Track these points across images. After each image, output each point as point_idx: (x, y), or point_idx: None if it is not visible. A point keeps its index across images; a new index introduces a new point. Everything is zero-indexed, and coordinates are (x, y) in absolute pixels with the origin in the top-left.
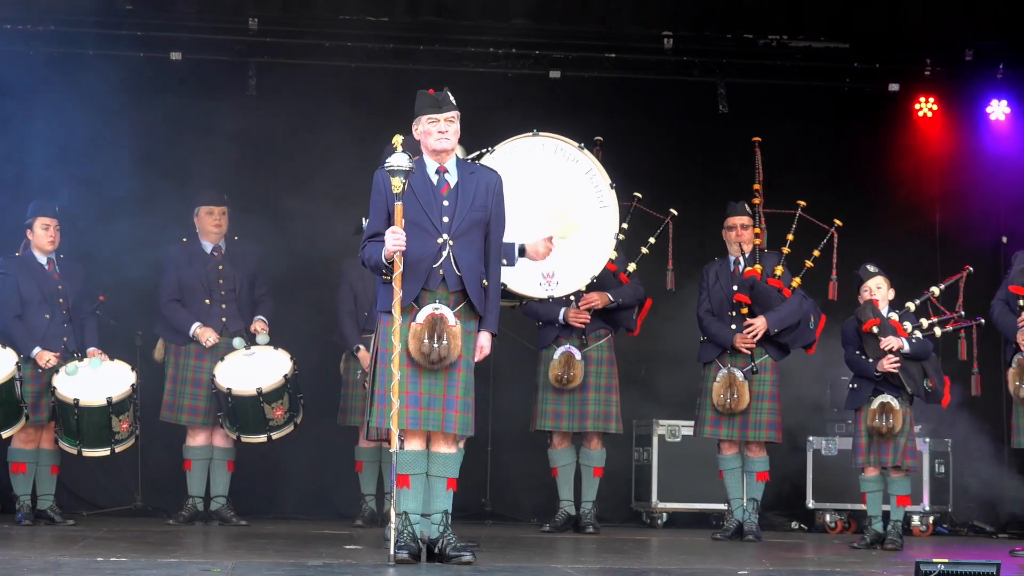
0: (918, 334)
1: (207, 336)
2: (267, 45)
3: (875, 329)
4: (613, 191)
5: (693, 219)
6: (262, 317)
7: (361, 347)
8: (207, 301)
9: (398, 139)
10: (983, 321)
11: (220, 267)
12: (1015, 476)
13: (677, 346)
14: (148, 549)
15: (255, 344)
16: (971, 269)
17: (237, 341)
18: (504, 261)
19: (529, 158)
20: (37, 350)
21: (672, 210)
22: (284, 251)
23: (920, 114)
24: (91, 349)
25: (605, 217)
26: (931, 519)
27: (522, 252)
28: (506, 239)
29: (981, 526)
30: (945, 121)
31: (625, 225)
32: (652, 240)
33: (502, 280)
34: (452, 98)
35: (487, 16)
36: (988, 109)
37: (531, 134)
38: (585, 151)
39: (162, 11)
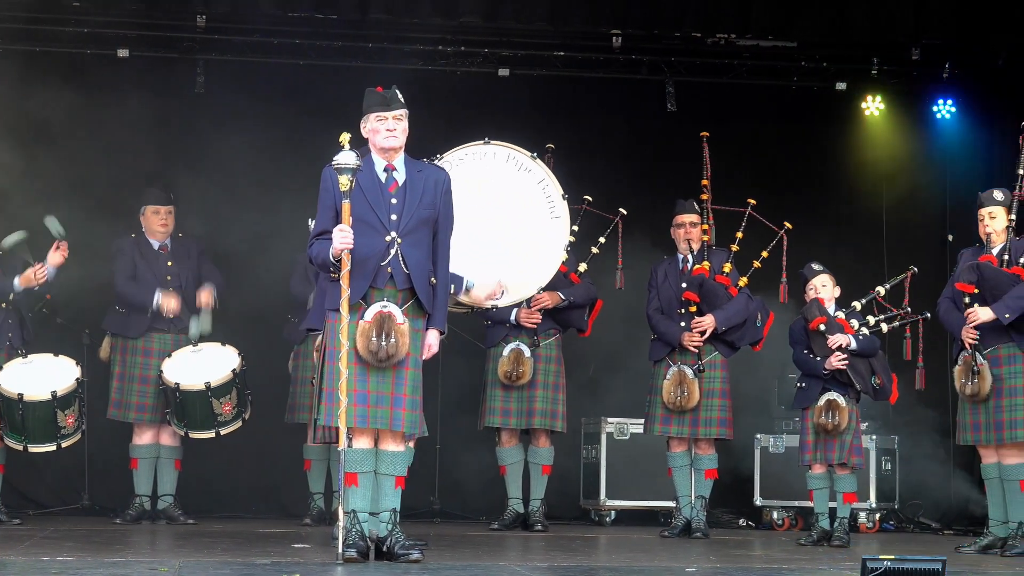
0: (865, 331)
1: (170, 302)
2: (215, 42)
3: (822, 327)
4: (565, 201)
5: (642, 217)
6: (210, 285)
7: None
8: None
9: (345, 137)
10: (929, 316)
11: (168, 263)
12: (960, 473)
13: (627, 344)
14: (95, 548)
15: (203, 342)
16: (915, 270)
17: (193, 326)
18: (452, 289)
19: (480, 167)
20: None
21: (621, 210)
22: (231, 248)
23: (867, 113)
24: None
25: (556, 228)
26: (877, 516)
27: (468, 291)
28: (453, 260)
29: (927, 522)
30: (892, 120)
31: (575, 227)
32: (602, 240)
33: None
34: (400, 96)
35: (436, 14)
36: (934, 108)
37: (482, 142)
38: (537, 160)
39: (109, 8)
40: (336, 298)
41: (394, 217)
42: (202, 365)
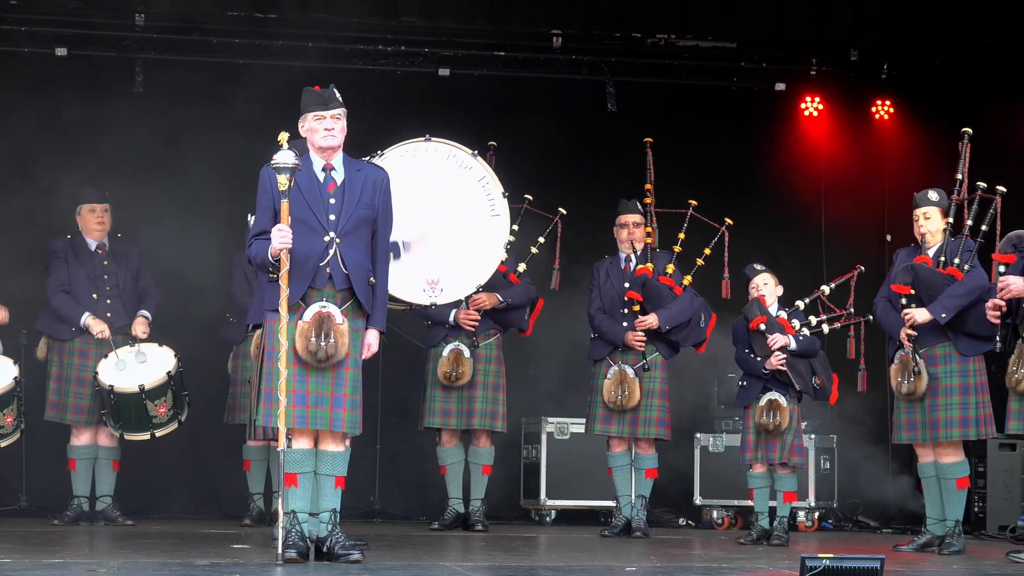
0: (806, 331)
1: (99, 327)
2: (154, 41)
3: (762, 327)
4: (505, 199)
5: (584, 217)
6: (145, 313)
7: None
8: (94, 296)
9: (283, 136)
10: (871, 318)
11: (105, 262)
12: (898, 472)
13: (567, 343)
14: (32, 550)
15: (139, 343)
16: (862, 268)
17: (123, 351)
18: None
19: (421, 164)
20: None
21: (561, 209)
22: (170, 248)
23: (806, 113)
24: None
25: (496, 226)
26: (816, 515)
27: (407, 248)
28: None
29: (866, 521)
30: (831, 120)
31: (516, 227)
32: (542, 240)
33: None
34: (338, 95)
35: (376, 14)
36: (873, 108)
37: (423, 139)
38: (478, 158)
39: (47, 6)
40: (275, 298)
41: (333, 217)
42: (137, 367)
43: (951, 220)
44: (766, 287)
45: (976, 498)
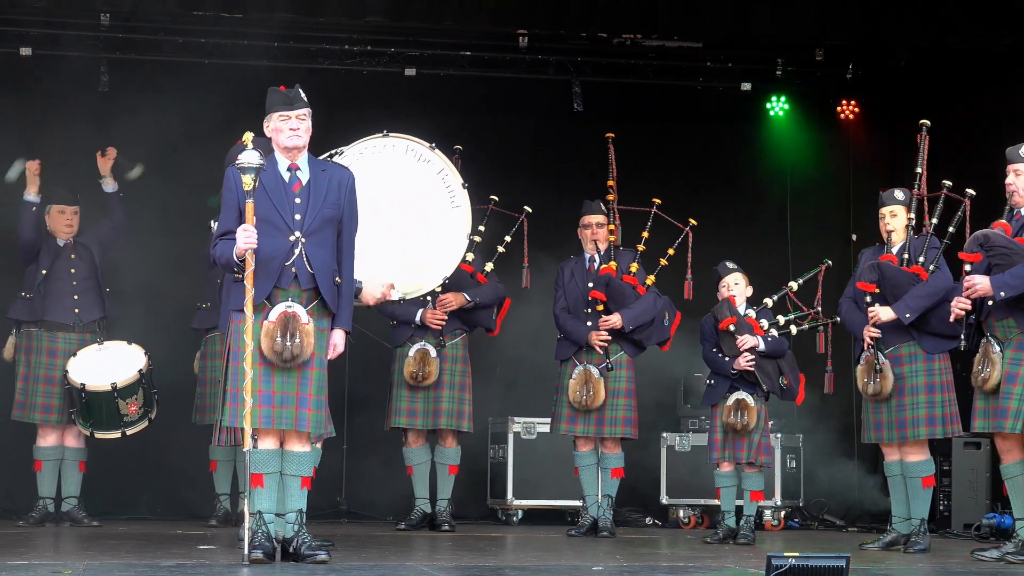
0: (774, 332)
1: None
2: (119, 41)
3: (731, 327)
4: (465, 191)
5: (550, 217)
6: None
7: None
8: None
9: (248, 136)
10: (839, 319)
11: (72, 255)
12: (864, 471)
13: (534, 343)
14: None
15: (108, 341)
16: (829, 263)
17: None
18: None
19: (380, 159)
20: None
21: (526, 207)
22: (139, 247)
23: (772, 113)
24: None
25: (457, 217)
26: (783, 514)
27: (357, 293)
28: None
29: (832, 520)
30: (796, 120)
31: (482, 228)
32: (508, 239)
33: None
34: (303, 95)
35: (342, 14)
36: (838, 108)
37: (381, 135)
38: (436, 151)
39: (12, 5)
40: (240, 298)
41: (298, 217)
42: (108, 365)
43: (913, 216)
44: (737, 287)
45: (941, 496)
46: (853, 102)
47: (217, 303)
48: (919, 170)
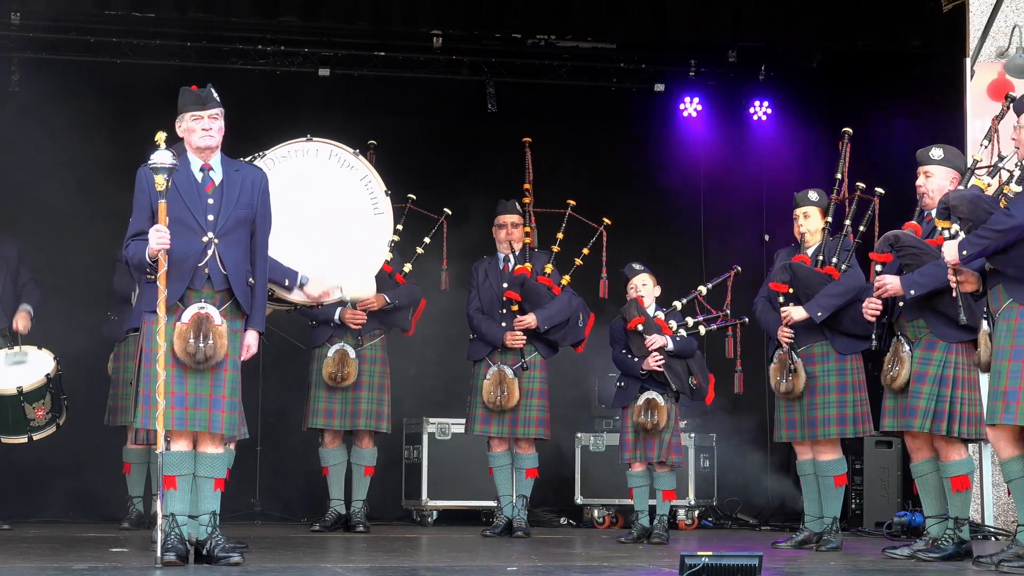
0: (683, 332)
1: None
2: (30, 40)
3: (640, 327)
4: (388, 198)
5: (465, 217)
6: (27, 307)
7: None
8: None
9: (161, 136)
10: (747, 320)
11: None
12: (777, 470)
13: (447, 343)
14: None
15: (18, 345)
16: (739, 269)
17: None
18: (287, 282)
19: (302, 164)
20: None
21: (446, 210)
22: (48, 248)
23: (685, 114)
24: None
25: (380, 224)
26: (696, 513)
27: (302, 286)
28: (277, 255)
29: (745, 519)
30: (709, 121)
31: (400, 227)
32: (427, 240)
33: (269, 287)
34: (216, 95)
35: (255, 13)
36: (751, 109)
37: (304, 139)
38: (360, 157)
39: None
40: (152, 299)
41: (211, 217)
42: (15, 369)
43: (830, 219)
44: (644, 288)
45: (853, 495)
46: (766, 103)
47: (124, 316)
48: (839, 176)
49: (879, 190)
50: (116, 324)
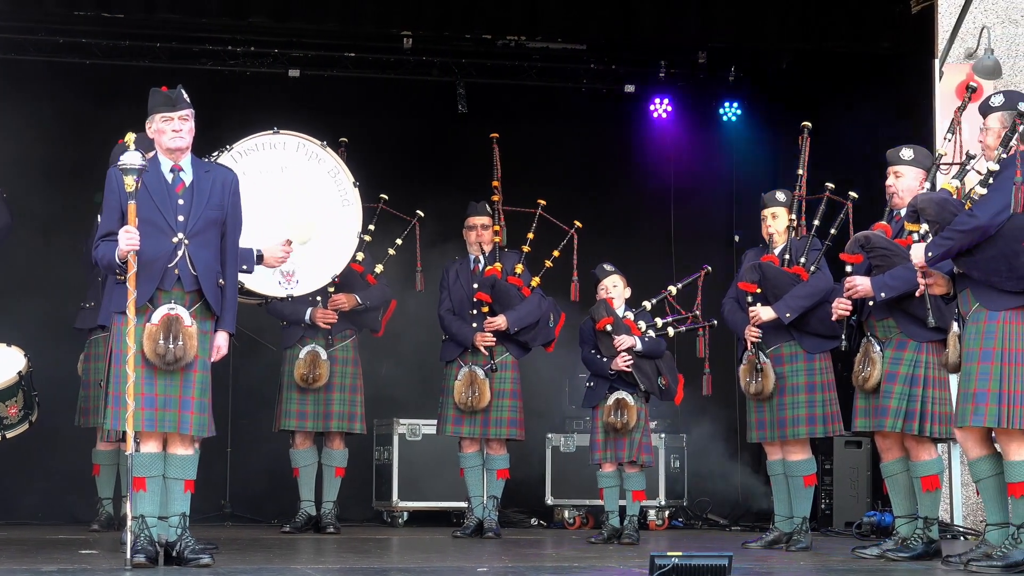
0: (652, 333)
1: None
2: None
3: (608, 327)
4: (356, 189)
5: (436, 219)
6: None
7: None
8: None
9: (131, 137)
10: (716, 323)
11: None
12: (747, 470)
13: (418, 344)
14: None
15: None
16: (709, 269)
17: None
18: (244, 268)
19: (270, 156)
20: None
21: (419, 212)
22: (17, 247)
23: (655, 115)
24: None
25: (348, 215)
26: (667, 513)
27: (260, 259)
28: (243, 244)
29: (715, 519)
30: (679, 122)
31: (372, 227)
32: (399, 241)
33: (241, 279)
34: (186, 96)
35: (225, 14)
36: (720, 111)
37: (271, 132)
38: (327, 149)
39: None
40: (122, 300)
41: (181, 218)
42: None
43: (794, 217)
44: (615, 289)
45: (823, 495)
46: (735, 104)
47: (100, 302)
48: (800, 172)
49: (852, 194)
50: (90, 312)
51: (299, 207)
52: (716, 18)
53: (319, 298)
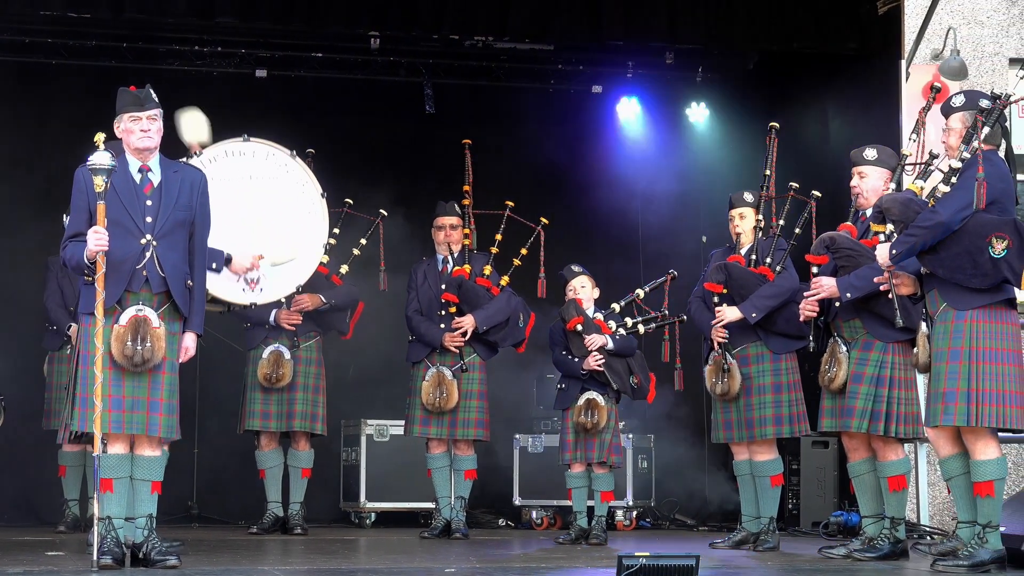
0: (622, 331)
1: None
2: None
3: (579, 327)
4: (324, 200)
5: (404, 219)
6: None
7: (73, 325)
8: None
9: (100, 137)
10: (685, 318)
11: None
12: (714, 470)
13: (386, 345)
14: None
15: None
16: (675, 274)
17: None
18: (212, 266)
19: (239, 164)
20: None
21: (382, 211)
22: None
23: (622, 115)
24: None
25: (314, 226)
26: (634, 514)
27: (228, 261)
28: (215, 246)
29: (683, 519)
30: (647, 122)
31: (337, 230)
32: (364, 242)
33: (207, 288)
34: (154, 95)
35: (192, 14)
36: (687, 111)
37: (241, 139)
38: (297, 158)
39: None
40: (90, 301)
41: (149, 219)
42: None
43: (761, 217)
44: (583, 290)
45: (790, 495)
46: (703, 104)
47: (59, 326)
48: (767, 172)
49: (816, 193)
50: (55, 335)
51: (266, 218)
52: (682, 19)
53: (283, 300)
